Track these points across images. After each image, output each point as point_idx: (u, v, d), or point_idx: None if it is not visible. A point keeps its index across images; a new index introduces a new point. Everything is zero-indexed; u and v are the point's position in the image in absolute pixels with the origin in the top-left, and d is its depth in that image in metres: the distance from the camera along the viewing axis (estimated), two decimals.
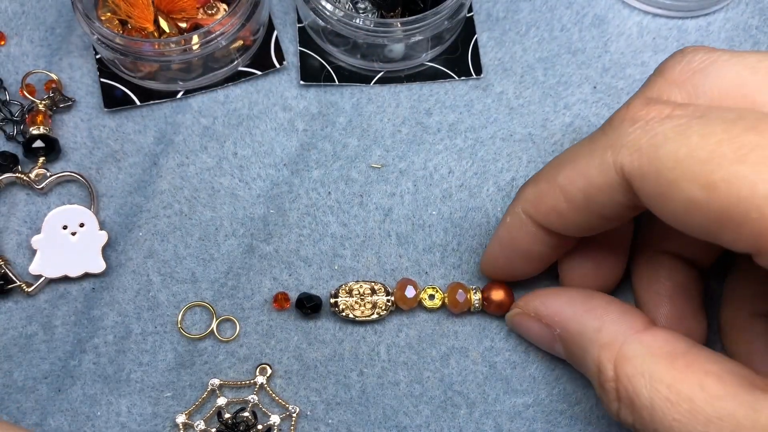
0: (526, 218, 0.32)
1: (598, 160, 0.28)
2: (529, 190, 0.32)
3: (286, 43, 0.43)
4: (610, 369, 0.29)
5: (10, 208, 0.39)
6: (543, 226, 0.32)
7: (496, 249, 0.35)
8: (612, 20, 0.44)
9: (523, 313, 0.34)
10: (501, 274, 0.36)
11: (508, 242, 0.34)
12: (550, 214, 0.31)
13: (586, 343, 0.31)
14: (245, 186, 0.40)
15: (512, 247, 0.34)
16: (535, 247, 0.33)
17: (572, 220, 0.30)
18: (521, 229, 0.33)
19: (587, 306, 0.32)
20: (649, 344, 0.29)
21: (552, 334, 0.33)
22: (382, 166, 0.40)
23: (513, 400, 0.36)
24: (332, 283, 0.38)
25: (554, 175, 0.30)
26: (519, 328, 0.35)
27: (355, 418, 0.36)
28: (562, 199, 0.30)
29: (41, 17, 0.44)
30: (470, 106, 0.42)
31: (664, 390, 0.27)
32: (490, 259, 0.35)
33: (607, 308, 0.31)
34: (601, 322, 0.31)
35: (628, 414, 0.29)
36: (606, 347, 0.30)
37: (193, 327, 0.37)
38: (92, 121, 0.41)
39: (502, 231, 0.34)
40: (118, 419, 0.36)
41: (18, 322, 0.37)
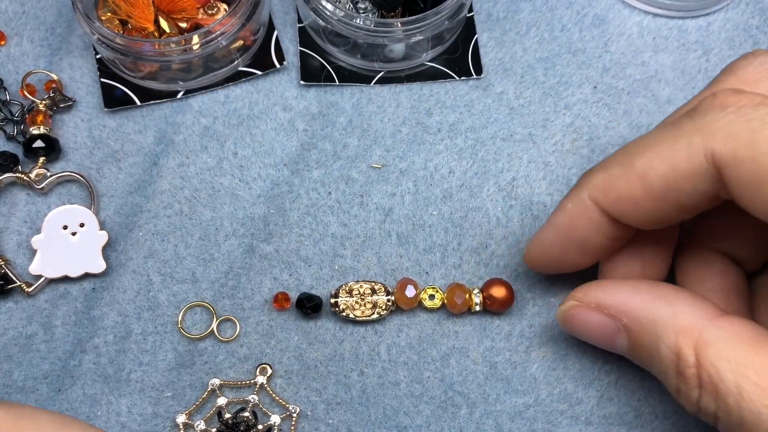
0: (592, 205, 0.31)
1: (685, 145, 0.27)
2: (598, 176, 0.30)
3: (287, 43, 0.43)
4: (691, 355, 0.28)
5: (11, 208, 0.39)
6: (610, 214, 0.30)
7: (550, 236, 0.33)
8: (612, 20, 0.44)
9: (582, 305, 0.32)
10: (547, 265, 0.34)
11: (566, 230, 0.32)
12: (623, 202, 0.29)
13: (660, 330, 0.29)
14: (245, 186, 0.40)
15: (570, 235, 0.32)
16: (596, 238, 0.31)
17: (646, 209, 0.29)
18: (584, 217, 0.31)
19: (655, 294, 0.30)
20: (730, 330, 0.28)
21: (614, 326, 0.31)
22: (382, 166, 0.40)
23: (513, 400, 0.36)
24: (332, 283, 0.38)
25: (630, 161, 0.29)
26: (573, 322, 0.33)
27: (356, 418, 0.36)
28: (639, 186, 0.28)
29: (41, 17, 0.44)
30: (470, 106, 0.42)
31: (752, 375, 0.26)
32: (541, 247, 0.33)
33: (677, 295, 0.30)
34: (675, 309, 0.29)
35: (711, 402, 0.27)
36: (684, 333, 0.28)
37: (194, 327, 0.37)
38: (92, 121, 0.41)
39: (561, 217, 0.32)
40: (118, 419, 0.36)
41: (18, 322, 0.37)
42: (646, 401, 0.36)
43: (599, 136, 0.41)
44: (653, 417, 0.35)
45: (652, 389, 0.36)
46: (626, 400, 0.36)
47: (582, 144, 0.41)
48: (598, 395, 0.36)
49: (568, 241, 0.32)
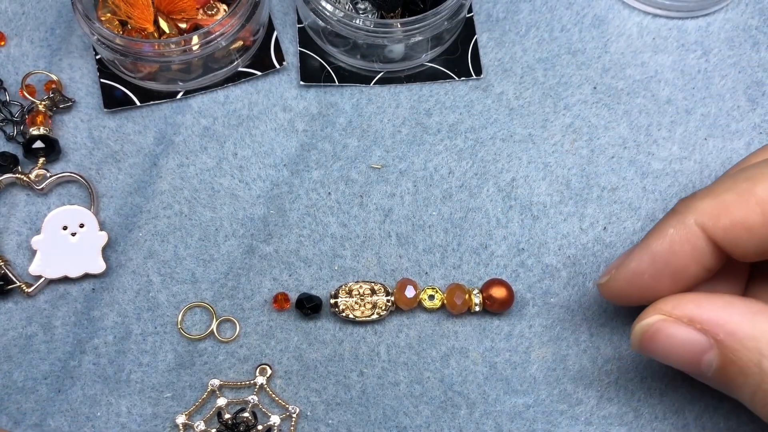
0: (699, 231, 0.29)
1: None
2: (707, 202, 0.29)
3: (286, 43, 0.43)
4: None
5: (10, 208, 0.39)
6: (716, 242, 0.29)
7: (642, 264, 0.30)
8: (612, 21, 0.44)
9: (670, 320, 0.29)
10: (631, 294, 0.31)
11: (664, 257, 0.30)
12: (736, 229, 0.28)
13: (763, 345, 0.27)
14: (245, 186, 0.40)
15: (667, 263, 0.30)
16: (694, 268, 0.29)
17: (761, 237, 0.28)
18: (688, 243, 0.29)
19: (755, 308, 0.28)
20: None
21: (705, 343, 0.28)
22: (382, 167, 0.40)
23: (513, 401, 0.36)
24: (332, 284, 0.38)
25: (749, 187, 0.28)
26: (656, 339, 0.30)
27: (355, 419, 0.36)
28: (758, 212, 0.27)
29: (41, 18, 0.44)
30: (470, 106, 0.42)
31: None
32: (630, 275, 0.31)
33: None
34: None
35: None
36: None
37: (193, 327, 0.37)
38: (92, 122, 0.41)
39: (659, 244, 0.30)
40: (118, 420, 0.36)
41: (18, 323, 0.37)
42: (646, 401, 0.36)
43: (599, 136, 0.41)
44: (653, 417, 0.35)
45: (651, 389, 0.36)
46: (626, 400, 0.36)
47: (582, 144, 0.41)
48: (598, 396, 0.36)
49: (665, 269, 0.30)
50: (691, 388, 0.36)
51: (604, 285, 0.32)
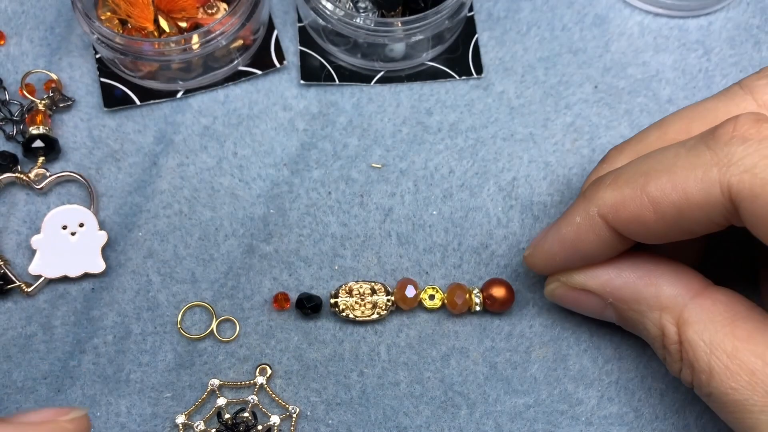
0: (601, 222, 0.31)
1: (701, 176, 0.27)
2: (609, 194, 0.30)
3: (287, 42, 0.43)
4: (674, 332, 0.30)
5: (10, 208, 0.39)
6: (619, 231, 0.30)
7: (554, 247, 0.33)
8: (613, 20, 0.44)
9: (567, 287, 0.34)
10: (548, 270, 0.35)
11: (572, 242, 0.32)
12: (632, 223, 0.29)
13: (645, 308, 0.31)
14: (245, 186, 0.40)
15: (575, 247, 0.32)
16: (601, 250, 0.32)
17: (655, 231, 0.29)
18: (592, 232, 0.31)
19: (638, 271, 0.31)
20: (710, 309, 0.29)
21: (602, 304, 0.33)
22: (382, 166, 0.40)
23: (514, 401, 0.36)
24: (332, 283, 0.38)
25: (643, 183, 0.29)
26: (562, 300, 0.35)
27: (356, 419, 0.36)
28: (651, 210, 0.29)
29: (41, 17, 0.43)
30: (471, 105, 0.42)
31: (724, 358, 0.28)
32: (545, 256, 0.34)
33: (660, 271, 0.31)
34: (658, 287, 0.30)
35: (688, 375, 0.30)
36: (667, 310, 0.30)
37: (193, 327, 0.37)
38: (92, 121, 0.41)
39: (567, 230, 0.32)
40: (117, 420, 0.36)
41: (17, 323, 0.37)
42: (646, 401, 0.36)
43: (600, 135, 0.41)
44: (653, 417, 0.35)
45: (652, 389, 0.36)
46: (626, 400, 0.36)
47: (583, 144, 0.41)
48: (599, 396, 0.36)
49: (574, 252, 0.32)
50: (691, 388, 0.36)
51: (527, 257, 0.35)
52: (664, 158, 0.29)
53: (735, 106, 0.30)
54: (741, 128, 0.27)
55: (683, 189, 0.27)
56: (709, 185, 0.27)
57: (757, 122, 0.27)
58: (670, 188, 0.28)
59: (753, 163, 0.26)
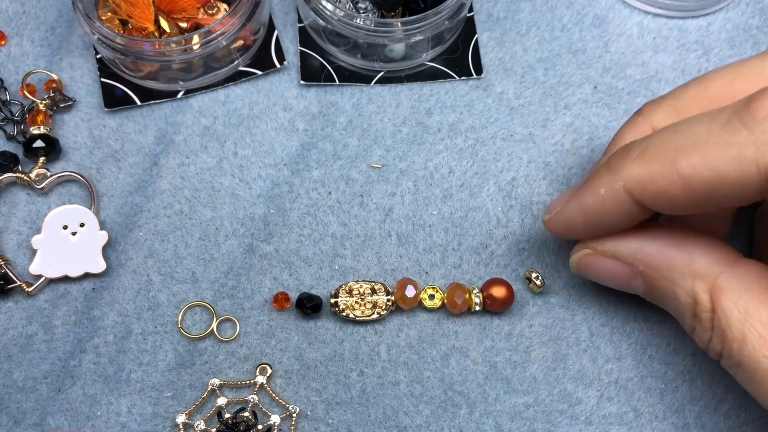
0: (626, 196, 0.30)
1: (736, 155, 0.26)
2: (637, 169, 0.29)
3: (287, 42, 0.43)
4: (707, 300, 0.29)
5: (11, 208, 0.39)
6: (645, 205, 0.30)
7: (576, 216, 0.32)
8: (612, 20, 0.44)
9: (596, 254, 0.33)
10: (567, 235, 0.34)
11: (595, 213, 0.31)
12: (660, 198, 0.29)
13: (677, 275, 0.30)
14: (245, 186, 0.40)
15: (598, 218, 0.32)
16: (624, 222, 0.31)
17: (683, 206, 0.29)
18: (616, 205, 0.30)
19: (672, 240, 0.31)
20: (745, 278, 0.29)
21: (631, 272, 0.32)
22: (382, 166, 0.40)
23: (513, 400, 0.36)
24: (332, 283, 0.38)
25: (673, 159, 0.28)
26: (589, 269, 0.34)
27: (356, 418, 0.36)
28: (680, 186, 0.28)
29: (42, 17, 0.44)
30: (471, 106, 0.42)
31: (758, 326, 0.28)
32: (565, 222, 0.33)
33: (694, 241, 0.31)
34: (692, 255, 0.30)
35: (718, 344, 0.29)
36: (701, 278, 0.30)
37: (194, 327, 0.37)
38: (93, 121, 0.41)
39: (592, 201, 0.31)
40: (118, 419, 0.36)
41: (18, 322, 0.37)
42: (646, 401, 0.36)
43: (599, 136, 0.41)
44: (653, 417, 0.35)
45: (651, 389, 0.36)
46: (626, 400, 0.36)
47: (582, 144, 0.41)
48: (598, 395, 0.36)
49: (596, 222, 0.32)
50: (691, 388, 0.36)
51: (547, 222, 0.35)
52: (696, 133, 0.28)
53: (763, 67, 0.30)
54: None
55: (716, 167, 0.27)
56: (744, 164, 0.26)
57: None
58: (702, 166, 0.27)
59: None
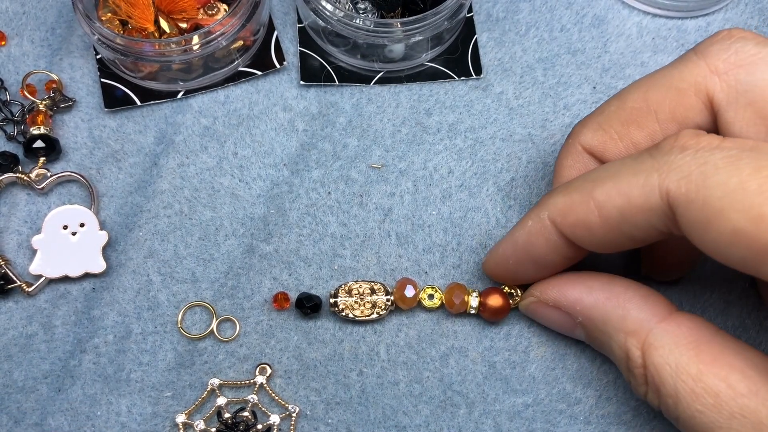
0: (551, 226, 0.32)
1: (643, 182, 0.28)
2: (559, 199, 0.31)
3: (287, 43, 0.43)
4: (639, 357, 0.30)
5: (11, 208, 0.40)
6: (567, 236, 0.31)
7: (507, 250, 0.34)
8: (611, 20, 0.44)
9: (539, 302, 0.34)
10: (503, 276, 0.36)
11: (523, 246, 0.33)
12: (578, 227, 0.31)
13: (611, 330, 0.31)
14: (245, 186, 0.40)
15: (527, 251, 0.33)
16: (551, 256, 0.33)
17: (600, 236, 0.30)
18: (542, 236, 0.32)
19: (608, 293, 0.32)
20: (675, 333, 0.30)
21: (572, 322, 0.34)
22: (382, 166, 0.40)
23: (512, 400, 0.36)
24: (332, 283, 0.38)
25: (590, 189, 0.30)
26: (536, 315, 0.35)
27: (355, 418, 0.36)
28: (596, 215, 0.30)
29: (42, 17, 0.44)
30: (470, 106, 0.42)
31: (689, 382, 0.28)
32: (498, 260, 0.35)
33: (629, 295, 0.31)
34: (625, 310, 0.31)
35: (654, 398, 0.30)
36: (633, 334, 0.30)
37: (193, 327, 0.37)
38: (93, 121, 0.41)
39: (520, 234, 0.33)
40: (118, 419, 0.36)
41: (18, 322, 0.37)
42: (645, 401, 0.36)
43: None
44: (651, 416, 0.35)
45: None
46: (624, 399, 0.36)
47: None
48: (597, 395, 0.36)
49: (525, 256, 0.33)
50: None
51: (483, 265, 0.37)
52: (612, 166, 0.30)
53: (689, 73, 0.31)
54: (681, 140, 0.28)
55: (626, 193, 0.28)
56: (649, 190, 0.28)
57: (696, 135, 0.28)
58: (614, 193, 0.29)
59: (689, 170, 0.26)
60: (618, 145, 0.33)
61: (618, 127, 0.33)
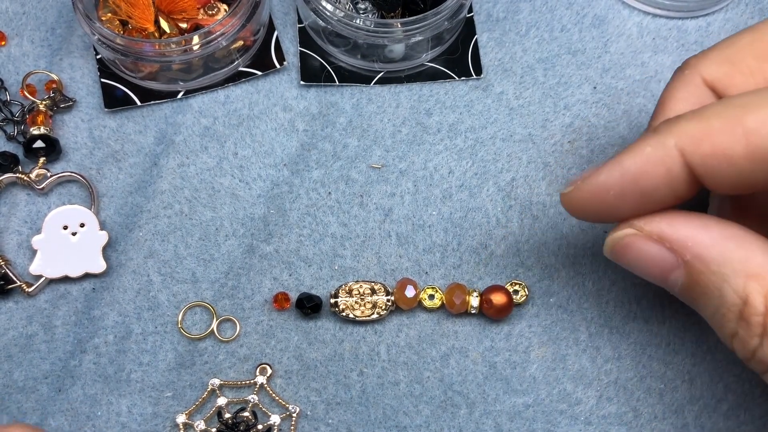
0: (677, 155, 0.27)
1: None
2: (693, 125, 0.27)
3: (287, 43, 0.43)
4: (761, 303, 0.26)
5: (11, 208, 0.40)
6: (694, 169, 0.27)
7: (612, 179, 0.28)
8: (612, 21, 0.44)
9: (640, 235, 0.29)
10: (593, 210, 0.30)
11: (636, 176, 0.28)
12: (716, 158, 0.26)
13: (728, 271, 0.27)
14: (245, 186, 0.40)
15: (638, 182, 0.28)
16: (663, 192, 0.28)
17: (739, 171, 0.26)
18: (663, 166, 0.27)
19: (727, 233, 0.28)
20: None
21: (673, 261, 0.29)
22: (382, 167, 0.40)
23: (513, 400, 0.36)
24: (332, 283, 0.38)
25: (740, 115, 0.26)
26: (626, 251, 0.30)
27: (355, 418, 0.36)
28: (743, 144, 0.25)
29: (42, 18, 0.44)
30: (470, 106, 0.42)
31: None
32: (596, 189, 0.29)
33: (751, 239, 0.27)
34: (748, 252, 0.27)
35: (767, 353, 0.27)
36: (755, 278, 0.27)
37: (194, 327, 0.37)
38: (93, 122, 0.41)
39: (634, 161, 0.28)
40: (118, 419, 0.36)
41: (18, 323, 0.37)
42: (645, 401, 0.36)
43: (599, 136, 0.41)
44: (652, 417, 0.35)
45: (650, 389, 0.36)
46: (625, 400, 0.36)
47: (581, 144, 0.41)
48: (597, 395, 0.36)
49: (633, 188, 0.28)
50: (690, 388, 0.36)
51: (566, 195, 0.31)
52: (760, 95, 0.26)
53: None
54: None
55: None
56: None
57: None
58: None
59: None
60: (749, 81, 0.29)
61: (750, 61, 0.29)
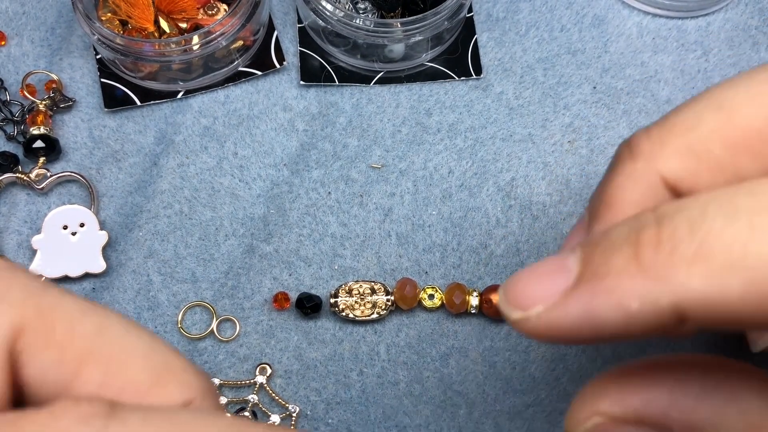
0: (671, 313, 0.18)
1: None
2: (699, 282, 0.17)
3: (287, 43, 0.43)
4: None
5: (11, 208, 0.40)
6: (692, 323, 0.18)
7: (580, 326, 0.19)
8: (612, 20, 0.44)
9: (613, 422, 0.21)
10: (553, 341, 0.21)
11: (613, 330, 0.19)
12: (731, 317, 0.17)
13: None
14: (245, 186, 0.40)
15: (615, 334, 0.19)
16: (642, 336, 0.18)
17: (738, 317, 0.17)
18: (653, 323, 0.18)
19: (711, 384, 0.20)
20: None
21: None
22: (382, 166, 0.40)
23: (513, 400, 0.36)
24: (332, 283, 0.38)
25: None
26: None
27: (355, 418, 0.36)
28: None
29: (42, 17, 0.44)
30: (470, 106, 0.42)
31: None
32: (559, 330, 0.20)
33: (742, 384, 0.19)
34: (742, 405, 0.19)
35: None
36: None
37: (193, 327, 0.37)
38: (93, 121, 0.41)
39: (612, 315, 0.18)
40: None
41: None
42: None
43: (598, 136, 0.41)
44: None
45: None
46: None
47: (581, 144, 0.41)
48: None
49: (607, 338, 0.19)
50: None
51: (522, 322, 0.20)
52: None
53: None
54: None
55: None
56: None
57: None
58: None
59: None
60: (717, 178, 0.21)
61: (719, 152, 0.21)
